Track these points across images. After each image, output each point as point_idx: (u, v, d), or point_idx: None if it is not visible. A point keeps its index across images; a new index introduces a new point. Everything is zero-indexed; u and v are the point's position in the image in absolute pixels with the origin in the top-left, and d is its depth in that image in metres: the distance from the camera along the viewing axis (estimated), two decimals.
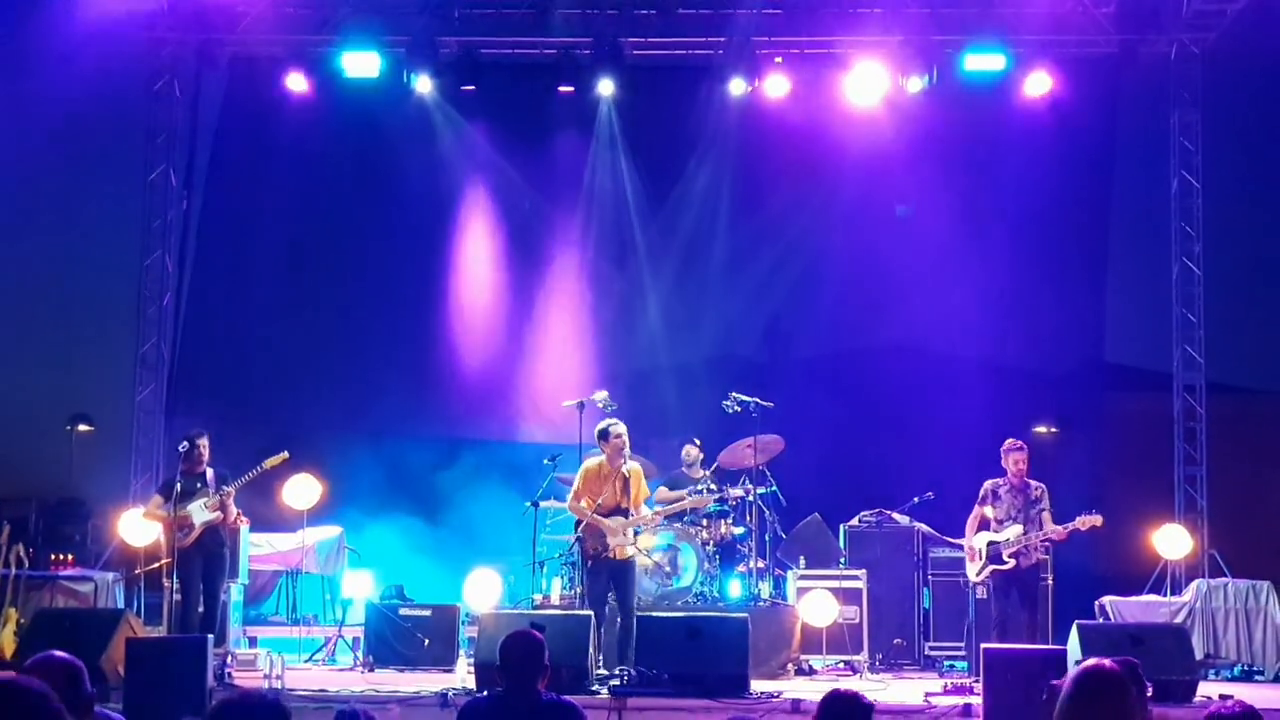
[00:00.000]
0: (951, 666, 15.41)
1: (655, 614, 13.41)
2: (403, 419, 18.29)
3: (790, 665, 14.69)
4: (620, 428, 13.66)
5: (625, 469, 13.68)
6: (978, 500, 14.15)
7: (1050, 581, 15.27)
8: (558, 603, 15.16)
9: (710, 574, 15.31)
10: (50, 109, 17.84)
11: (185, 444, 14.07)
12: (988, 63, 18.27)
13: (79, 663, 5.59)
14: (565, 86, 18.83)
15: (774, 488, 16.14)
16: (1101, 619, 15.29)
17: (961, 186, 18.94)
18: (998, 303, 18.90)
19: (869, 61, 18.41)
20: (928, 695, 12.46)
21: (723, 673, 12.23)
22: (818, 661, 15.06)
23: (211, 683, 11.76)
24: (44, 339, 18.44)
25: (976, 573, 14.10)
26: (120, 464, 18.35)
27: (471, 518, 17.61)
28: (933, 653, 15.98)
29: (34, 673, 5.24)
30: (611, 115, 19.23)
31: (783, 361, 19.48)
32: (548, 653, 7.39)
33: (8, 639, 14.27)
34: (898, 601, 16.06)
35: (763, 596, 15.51)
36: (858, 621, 15.46)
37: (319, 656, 15.69)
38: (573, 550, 14.67)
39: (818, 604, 15.04)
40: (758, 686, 12.56)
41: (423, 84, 18.67)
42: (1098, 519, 13.47)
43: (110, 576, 15.78)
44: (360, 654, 15.09)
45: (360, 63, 18.40)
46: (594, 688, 12.29)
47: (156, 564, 14.52)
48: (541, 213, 19.63)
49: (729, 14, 18.45)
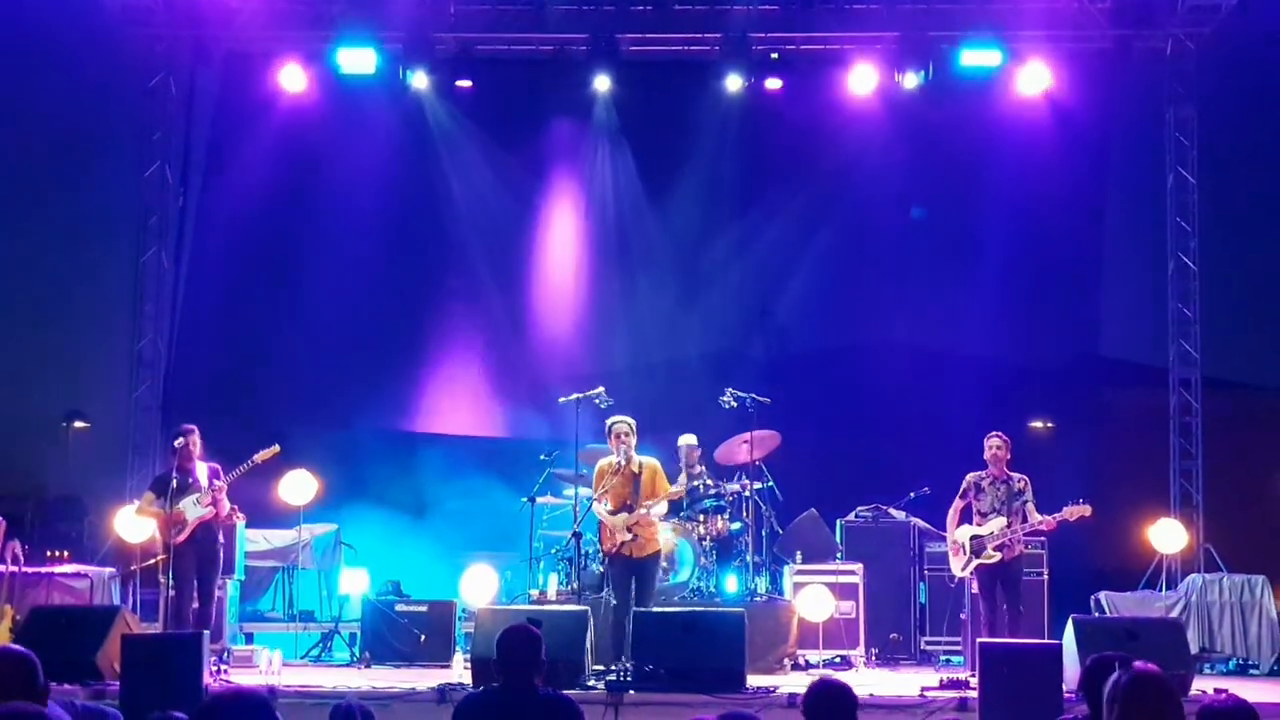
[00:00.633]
0: (947, 661, 15.42)
1: (652, 609, 13.41)
2: (399, 415, 18.31)
3: (787, 660, 14.68)
4: (621, 424, 13.64)
5: (635, 464, 13.66)
6: (958, 494, 14.09)
7: (1046, 576, 15.28)
8: (554, 598, 15.16)
9: (707, 569, 15.33)
10: (46, 105, 17.85)
11: (180, 440, 14.05)
12: (983, 59, 18.28)
13: (33, 656, 5.60)
14: (561, 82, 18.84)
15: (770, 483, 16.15)
16: (1097, 613, 15.31)
17: (957, 182, 18.95)
18: (993, 298, 18.89)
19: (865, 57, 18.44)
20: (924, 689, 12.44)
21: (719, 668, 12.22)
22: (814, 656, 15.03)
23: (207, 679, 11.76)
24: (40, 336, 18.45)
25: (962, 567, 14.04)
26: (116, 461, 18.34)
27: (468, 514, 17.61)
28: (929, 647, 16.00)
29: None
30: (608, 111, 19.22)
31: (779, 357, 19.48)
32: (545, 648, 7.40)
33: (3, 636, 14.25)
34: (894, 596, 16.09)
35: (759, 591, 15.52)
36: (854, 616, 15.47)
37: (315, 652, 15.69)
38: (569, 545, 14.67)
39: (814, 599, 15.04)
40: (754, 681, 12.53)
41: (419, 80, 18.66)
42: (1086, 509, 13.42)
43: (106, 573, 15.77)
44: (357, 650, 15.10)
45: (356, 59, 18.39)
46: (590, 683, 12.30)
47: (152, 560, 14.50)
48: (537, 208, 19.62)
49: (725, 10, 18.47)
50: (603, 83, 18.66)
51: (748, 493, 15.69)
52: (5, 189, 18.45)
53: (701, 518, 15.42)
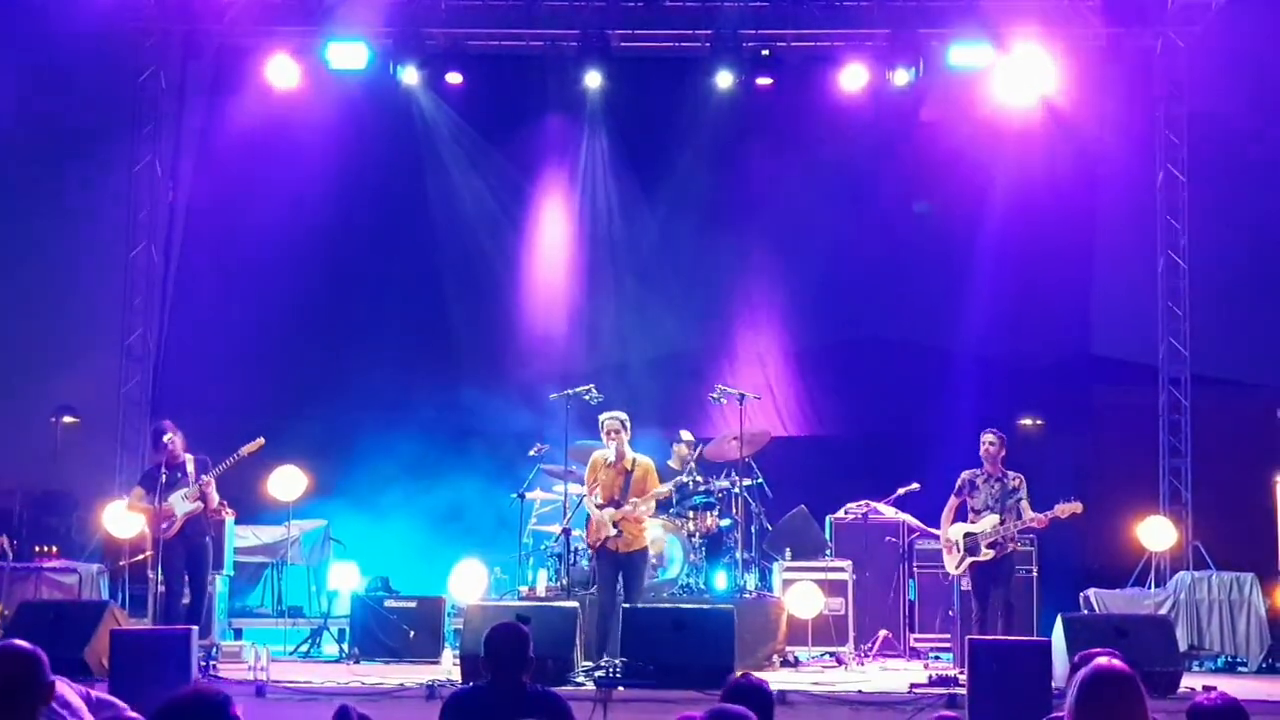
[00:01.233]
0: (936, 657, 15.44)
1: (641, 605, 13.41)
2: (389, 410, 18.26)
3: (776, 657, 14.70)
4: (614, 420, 13.62)
5: (629, 461, 13.65)
6: (954, 491, 14.08)
7: (1035, 573, 15.30)
8: (543, 594, 15.15)
9: (696, 566, 15.33)
10: (36, 99, 17.79)
11: (167, 435, 14.03)
12: (974, 56, 18.30)
13: (38, 652, 5.55)
14: (552, 78, 18.84)
15: (760, 480, 16.16)
16: (1086, 611, 15.32)
17: (947, 179, 18.94)
18: (983, 295, 18.88)
19: (855, 54, 18.46)
20: (913, 686, 12.49)
21: (708, 664, 12.20)
22: (803, 653, 15.07)
23: (196, 674, 11.75)
24: (29, 330, 18.38)
25: (955, 565, 14.03)
26: (105, 456, 18.31)
27: (457, 509, 17.59)
28: (918, 644, 15.99)
29: None
30: (598, 108, 19.21)
31: (769, 354, 19.46)
32: (533, 644, 7.40)
33: None
34: (883, 593, 16.09)
35: (748, 588, 15.53)
36: (843, 613, 15.50)
37: (304, 648, 15.66)
38: (558, 541, 14.67)
39: (803, 595, 15.06)
40: None
41: (409, 75, 18.67)
42: (1077, 506, 13.40)
43: (95, 568, 15.77)
44: (346, 646, 15.09)
45: (346, 54, 18.39)
46: (579, 679, 12.31)
47: (141, 556, 14.49)
48: (527, 204, 19.61)
49: (716, 6, 18.48)
50: (593, 79, 18.66)
51: (737, 489, 15.69)
52: None
53: (691, 514, 15.40)
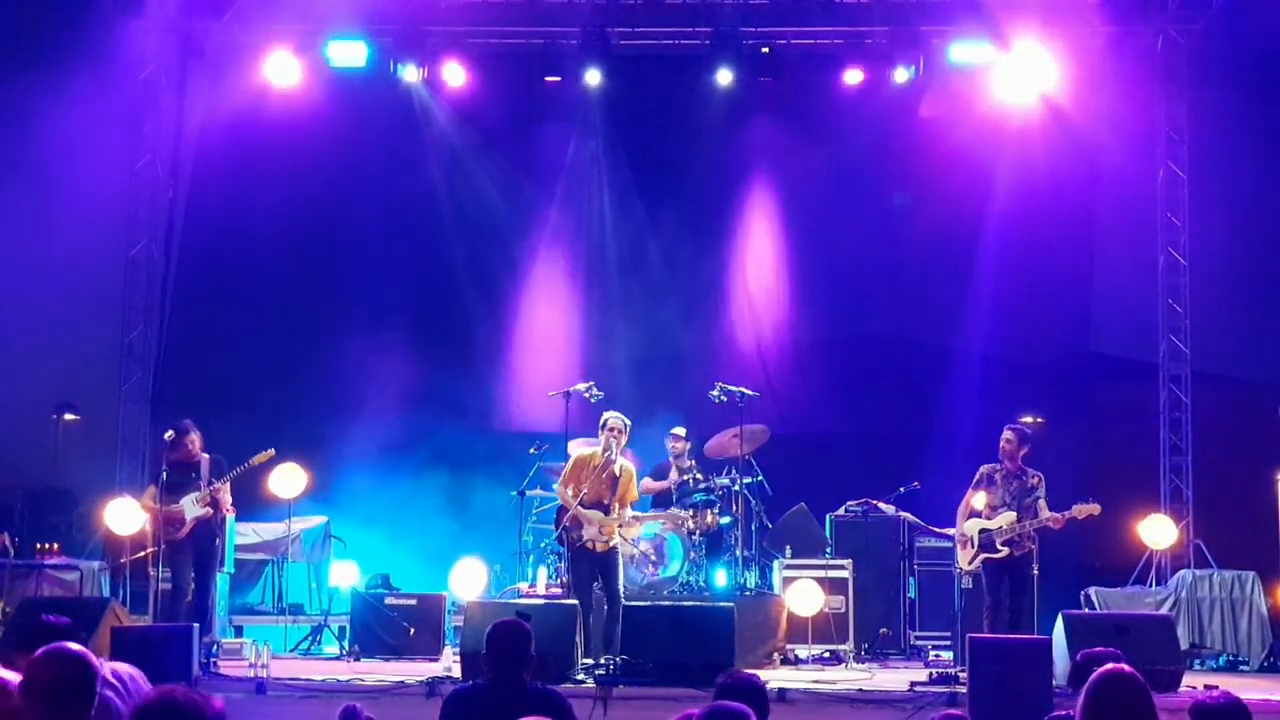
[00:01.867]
0: (937, 656, 15.43)
1: (641, 603, 13.41)
2: (389, 408, 18.23)
3: (776, 654, 14.70)
4: (618, 421, 13.61)
5: (616, 466, 13.65)
6: (971, 484, 14.03)
7: (1036, 571, 15.29)
8: (543, 592, 15.15)
9: (696, 563, 15.33)
10: (35, 97, 17.78)
11: (171, 433, 14.02)
12: (974, 53, 18.31)
13: (91, 658, 5.50)
14: (552, 76, 18.84)
15: (760, 477, 16.16)
16: (1087, 609, 15.31)
17: (947, 177, 18.92)
18: (984, 293, 18.88)
19: (856, 52, 18.47)
20: (913, 684, 12.49)
21: (708, 662, 12.17)
22: (803, 651, 15.05)
23: (197, 672, 11.75)
24: (30, 328, 18.34)
25: (969, 560, 13.93)
26: (106, 453, 18.29)
27: (458, 507, 17.60)
28: (918, 642, 16.00)
29: (43, 663, 5.22)
30: (598, 105, 19.20)
31: (769, 351, 19.45)
32: (534, 642, 7.39)
33: None
34: (883, 591, 16.08)
35: (749, 586, 15.53)
36: (843, 611, 15.48)
37: (305, 645, 15.66)
38: (558, 539, 14.67)
39: (804, 593, 15.05)
40: None
41: (409, 73, 18.68)
42: (1095, 508, 13.30)
43: (96, 565, 15.77)
44: (346, 643, 15.09)
45: (346, 52, 18.41)
46: (579, 677, 12.31)
47: (142, 553, 14.50)
48: (527, 202, 19.59)
49: (716, 3, 18.49)
50: (593, 76, 18.65)
51: (737, 487, 15.69)
52: None
53: (691, 512, 15.40)
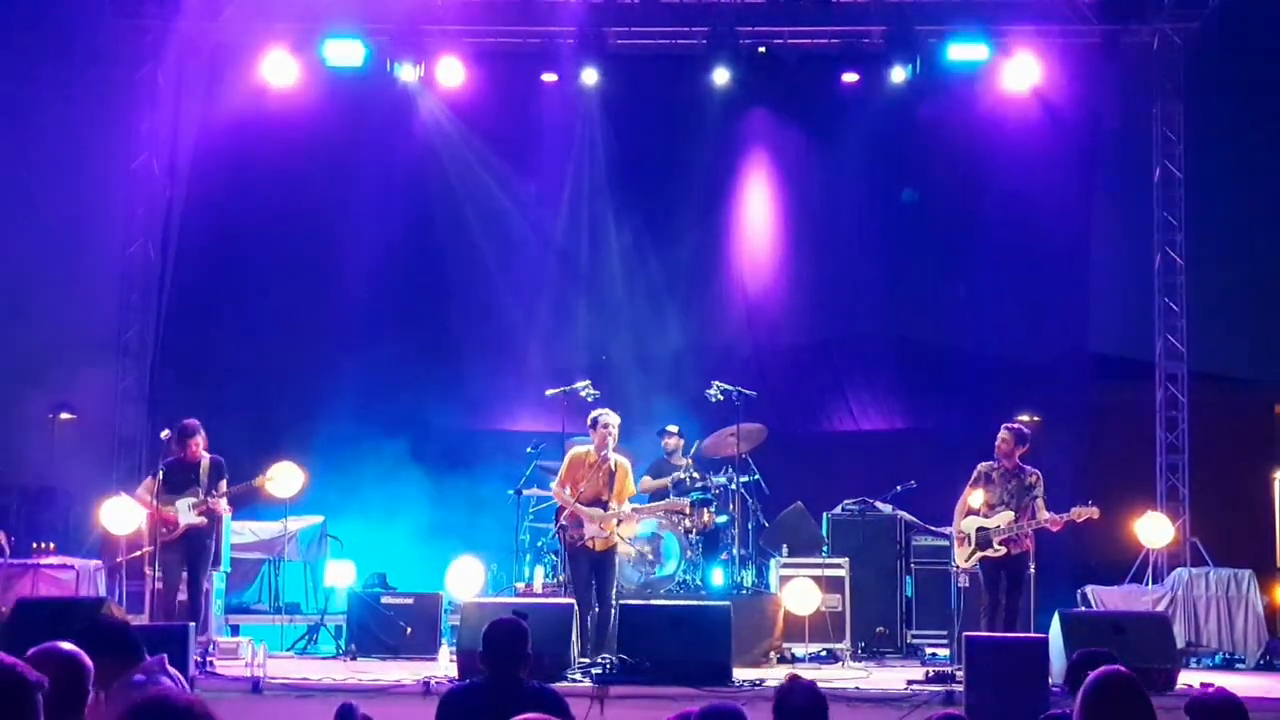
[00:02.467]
0: (934, 655, 15.43)
1: (638, 602, 13.40)
2: (385, 407, 18.23)
3: (773, 653, 14.69)
4: (610, 418, 13.66)
5: (612, 462, 13.66)
6: (969, 482, 14.02)
7: (1032, 569, 15.29)
8: (540, 591, 15.14)
9: (693, 562, 15.32)
10: (32, 96, 17.78)
11: (167, 432, 14.01)
12: (971, 53, 18.32)
13: (83, 658, 5.50)
14: (548, 75, 18.83)
15: (757, 476, 16.14)
16: (1083, 607, 15.32)
17: (944, 176, 18.97)
18: (980, 292, 18.92)
19: (852, 51, 18.47)
20: (910, 683, 12.48)
21: (705, 661, 12.23)
22: (800, 650, 15.03)
23: (193, 671, 11.74)
24: (26, 326, 18.35)
25: (965, 558, 13.91)
26: (102, 452, 18.28)
27: (454, 506, 17.58)
28: (915, 640, 16.00)
29: (34, 663, 5.20)
30: (595, 104, 19.19)
31: (765, 350, 19.45)
32: (530, 640, 7.39)
33: None
34: (880, 589, 16.07)
35: (745, 585, 15.52)
36: (840, 609, 15.46)
37: (301, 645, 15.66)
38: (555, 538, 14.67)
39: (800, 592, 15.03)
40: (740, 675, 12.55)
41: (406, 72, 18.66)
42: (1094, 511, 13.28)
43: (92, 564, 15.74)
44: (342, 643, 15.08)
45: (343, 51, 18.40)
46: (575, 676, 12.30)
47: (138, 552, 14.48)
48: (523, 201, 19.58)
49: (713, 3, 18.47)
50: (590, 76, 18.65)
51: (734, 486, 15.69)
52: None
53: (688, 510, 15.39)
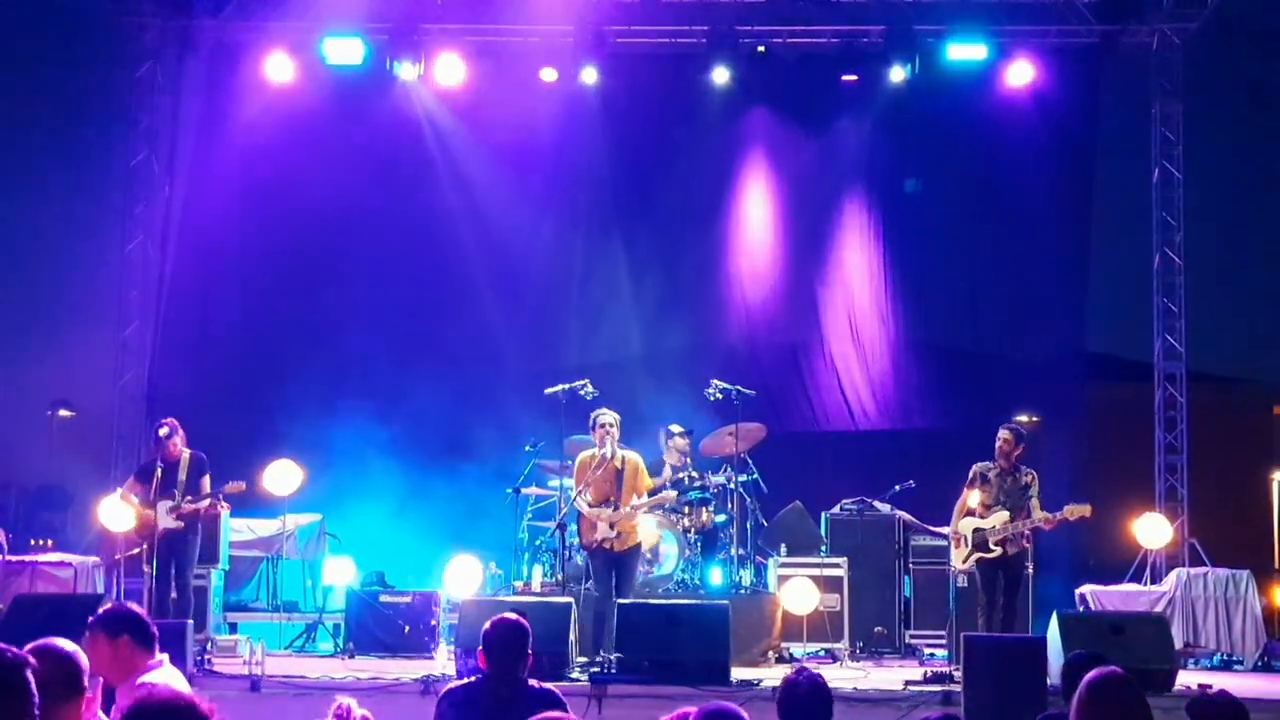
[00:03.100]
0: (932, 655, 15.42)
1: (636, 601, 13.40)
2: (384, 405, 18.21)
3: (771, 653, 14.69)
4: (607, 416, 13.64)
5: (619, 460, 13.66)
6: (966, 483, 14.02)
7: (1031, 570, 15.29)
8: (539, 590, 15.14)
9: (691, 561, 15.32)
10: (32, 94, 17.79)
11: (164, 431, 14.04)
12: (970, 52, 18.31)
13: (77, 655, 5.49)
14: (548, 74, 18.81)
15: (755, 475, 16.13)
16: (1081, 608, 15.31)
17: (944, 176, 18.97)
18: (979, 291, 18.93)
19: (852, 51, 18.48)
20: (908, 683, 12.48)
21: (703, 660, 12.23)
22: (798, 649, 15.04)
23: (191, 669, 11.74)
24: (25, 324, 18.39)
25: (962, 560, 13.92)
26: (101, 450, 18.29)
27: (453, 504, 17.57)
28: (913, 640, 15.97)
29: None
30: (594, 103, 19.16)
31: (764, 349, 19.43)
32: (532, 640, 7.38)
33: None
34: (878, 589, 16.05)
35: (744, 584, 15.52)
36: (838, 609, 15.45)
37: (299, 643, 15.66)
38: (553, 537, 14.66)
39: (799, 591, 15.03)
40: (738, 674, 12.56)
41: (406, 71, 18.65)
42: (1086, 509, 13.32)
43: (90, 562, 15.75)
44: (341, 641, 15.08)
45: (343, 49, 18.38)
46: (574, 675, 12.31)
47: (136, 550, 14.48)
48: (522, 200, 19.56)
49: (712, 2, 18.47)
50: (589, 74, 18.64)
51: (733, 485, 15.68)
52: None
53: (687, 510, 15.39)
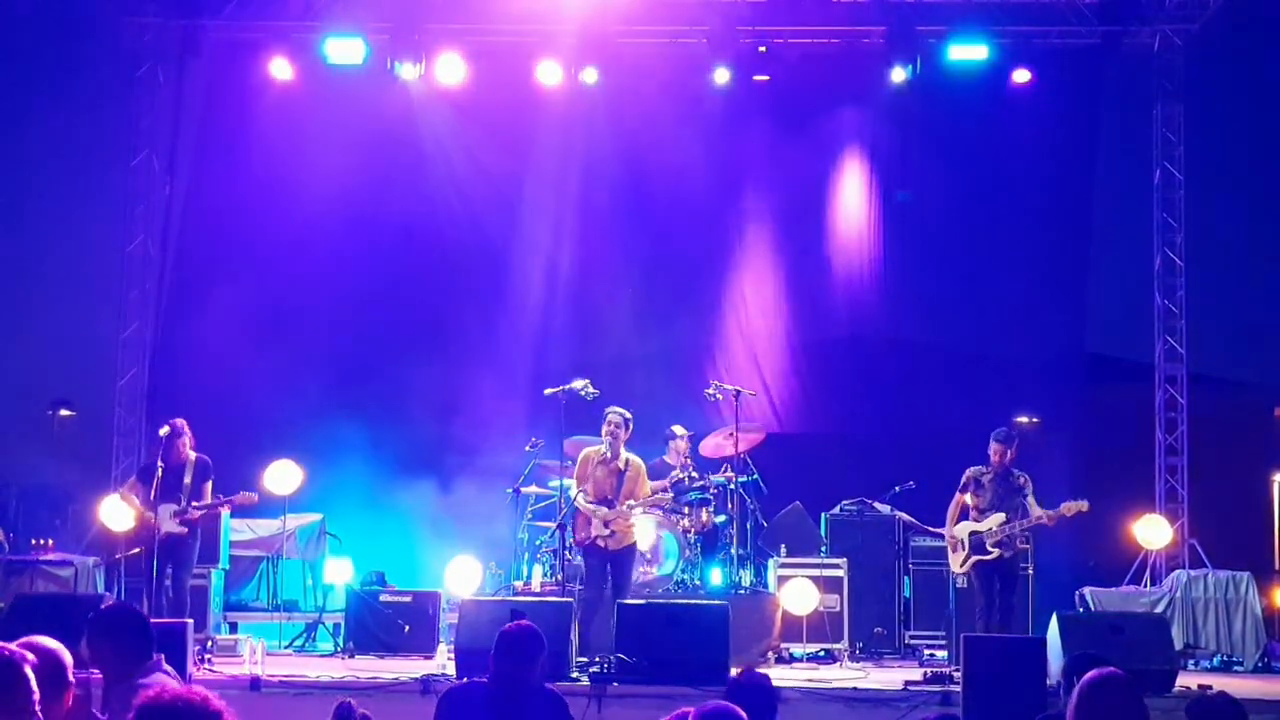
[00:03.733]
0: (931, 655, 15.42)
1: (636, 601, 13.40)
2: (384, 405, 18.23)
3: (771, 653, 14.68)
4: (617, 416, 13.64)
5: (622, 461, 13.66)
6: (959, 488, 14.08)
7: (1031, 571, 15.29)
8: (539, 589, 15.14)
9: (691, 561, 15.32)
10: (32, 93, 17.78)
11: (166, 429, 14.04)
12: (971, 53, 18.30)
13: (61, 653, 5.49)
14: (550, 74, 18.79)
15: (755, 476, 16.14)
16: (1082, 609, 15.31)
17: (944, 176, 18.95)
18: (979, 292, 18.92)
19: (852, 51, 18.48)
20: (907, 684, 12.49)
21: (703, 660, 12.20)
22: (798, 649, 15.04)
23: (191, 669, 11.74)
24: (25, 324, 18.37)
25: (960, 564, 14.00)
26: (101, 449, 18.29)
27: (453, 504, 17.58)
28: (913, 641, 15.98)
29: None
30: (594, 102, 19.15)
31: (764, 350, 19.43)
32: (545, 647, 7.38)
33: None
34: (878, 590, 16.05)
35: (744, 584, 15.52)
36: (838, 610, 15.44)
37: (299, 642, 15.66)
38: (554, 536, 14.66)
39: (798, 592, 15.03)
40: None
41: (407, 71, 18.64)
42: (1084, 504, 13.41)
43: (91, 561, 15.75)
44: (341, 640, 15.08)
45: (344, 49, 18.38)
46: (574, 675, 12.31)
47: (136, 549, 14.49)
48: (523, 199, 19.55)
49: (713, 2, 18.44)
50: (590, 74, 18.63)
51: (733, 485, 15.68)
52: None
53: (686, 510, 15.40)
